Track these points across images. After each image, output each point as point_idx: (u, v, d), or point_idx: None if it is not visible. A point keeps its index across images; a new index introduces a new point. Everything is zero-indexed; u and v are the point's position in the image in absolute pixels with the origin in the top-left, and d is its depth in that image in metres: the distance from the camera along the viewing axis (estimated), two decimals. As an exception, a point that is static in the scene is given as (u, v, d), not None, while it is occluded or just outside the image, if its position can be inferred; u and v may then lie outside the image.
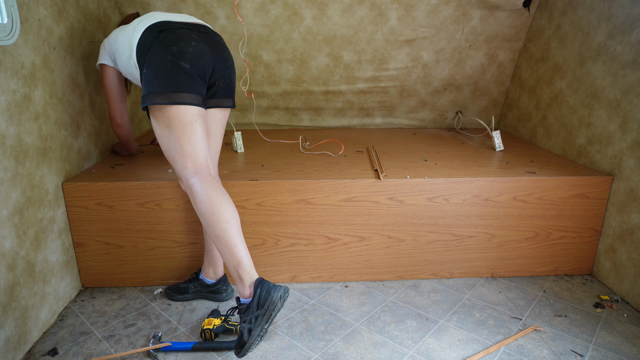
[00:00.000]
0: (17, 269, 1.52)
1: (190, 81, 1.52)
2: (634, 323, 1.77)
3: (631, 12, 1.91)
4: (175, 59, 1.51)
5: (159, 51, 1.52)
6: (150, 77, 1.51)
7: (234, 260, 1.41)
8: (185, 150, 1.52)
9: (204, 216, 1.46)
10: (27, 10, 1.61)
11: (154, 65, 1.51)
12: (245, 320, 1.35)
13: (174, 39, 1.53)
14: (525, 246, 2.06)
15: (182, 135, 1.51)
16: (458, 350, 1.60)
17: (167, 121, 1.51)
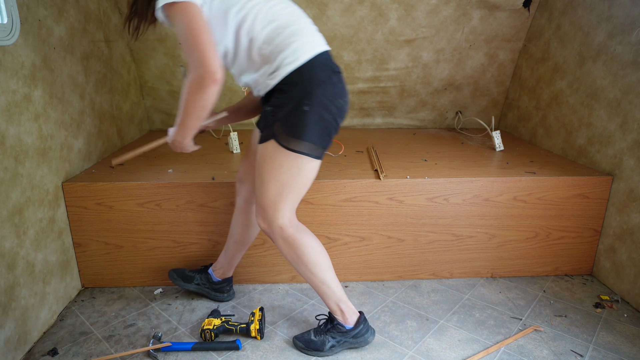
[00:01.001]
0: (17, 269, 1.52)
1: (331, 139, 1.39)
2: (634, 323, 1.77)
3: (631, 12, 1.91)
4: (337, 114, 1.35)
5: (329, 98, 1.31)
6: (311, 122, 1.29)
7: (336, 297, 1.52)
8: (292, 200, 1.40)
9: (305, 266, 1.46)
10: (27, 10, 1.61)
11: (317, 111, 1.29)
12: (334, 336, 1.54)
13: (342, 91, 1.36)
14: (525, 246, 2.06)
15: (299, 187, 1.39)
16: (458, 350, 1.60)
17: (295, 170, 1.34)
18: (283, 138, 1.31)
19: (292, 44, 1.28)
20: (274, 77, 1.30)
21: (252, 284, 2.01)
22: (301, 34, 1.30)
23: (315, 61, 1.30)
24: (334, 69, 1.34)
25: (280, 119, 1.30)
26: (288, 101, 1.29)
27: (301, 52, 1.28)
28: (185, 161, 2.18)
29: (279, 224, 1.41)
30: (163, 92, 2.80)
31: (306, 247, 1.45)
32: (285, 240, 1.44)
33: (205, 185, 1.85)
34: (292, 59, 1.28)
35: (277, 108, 1.31)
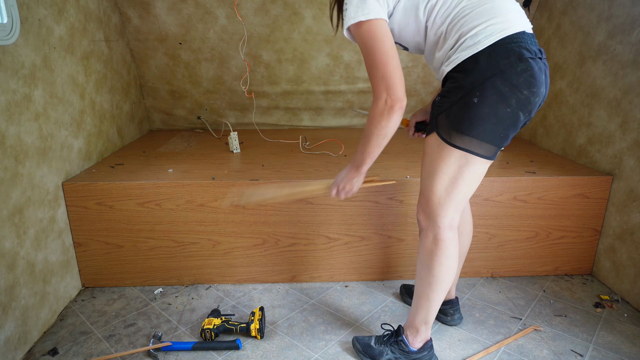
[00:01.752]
0: (17, 269, 1.52)
1: (510, 136, 1.22)
2: (634, 323, 1.77)
3: (631, 12, 1.91)
4: (519, 108, 1.16)
5: (507, 89, 1.14)
6: (481, 117, 1.16)
7: (426, 318, 1.43)
8: (456, 199, 1.29)
9: (430, 276, 1.36)
10: (27, 10, 1.61)
11: (490, 103, 1.15)
12: (394, 352, 1.48)
13: (530, 80, 1.15)
14: (525, 246, 2.06)
15: (466, 184, 1.27)
16: (458, 350, 1.60)
17: (463, 164, 1.23)
18: (444, 131, 1.21)
19: (476, 25, 1.14)
20: (448, 63, 1.20)
21: (252, 284, 2.02)
22: (490, 13, 1.15)
23: (498, 46, 1.13)
24: (522, 55, 1.13)
25: (446, 109, 1.20)
26: (457, 90, 1.18)
27: (483, 35, 1.13)
28: (185, 161, 2.18)
29: (440, 223, 1.32)
30: (163, 92, 2.80)
31: (447, 260, 1.35)
32: (435, 242, 1.34)
33: (205, 185, 1.85)
34: (471, 42, 1.14)
35: (444, 98, 1.21)
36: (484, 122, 1.17)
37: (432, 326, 1.72)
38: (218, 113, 2.91)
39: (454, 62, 1.18)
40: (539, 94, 1.18)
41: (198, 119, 2.92)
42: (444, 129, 1.22)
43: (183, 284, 2.00)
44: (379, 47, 1.16)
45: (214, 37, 2.59)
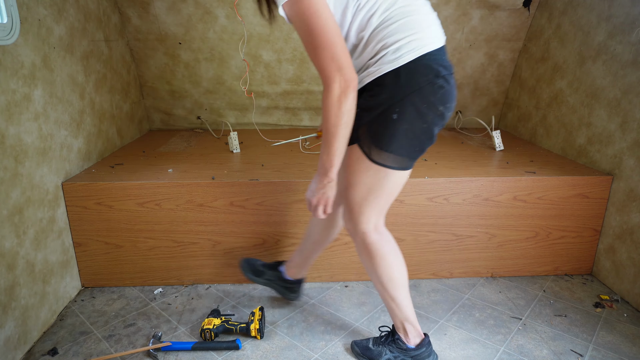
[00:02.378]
0: (17, 269, 1.52)
1: (424, 150, 1.26)
2: (634, 323, 1.77)
3: (631, 12, 1.91)
4: (434, 122, 1.20)
5: (425, 105, 1.16)
6: (400, 133, 1.18)
7: (402, 316, 1.46)
8: (378, 206, 1.32)
9: (377, 277, 1.40)
10: (27, 10, 1.61)
11: (409, 120, 1.17)
12: (393, 351, 1.49)
13: (445, 97, 1.18)
14: (525, 246, 2.06)
15: (387, 193, 1.30)
16: (458, 350, 1.60)
17: (382, 175, 1.25)
18: (366, 145, 1.22)
19: (399, 39, 1.13)
20: (368, 74, 1.18)
21: (252, 284, 2.01)
22: (413, 27, 1.14)
23: (419, 62, 1.13)
24: (439, 73, 1.15)
25: (366, 123, 1.21)
26: (376, 105, 1.18)
27: (406, 50, 1.13)
28: (185, 161, 2.18)
29: (363, 228, 1.35)
30: (163, 92, 2.80)
31: (384, 260, 1.37)
32: (365, 247, 1.37)
33: (205, 185, 1.85)
34: (392, 57, 1.13)
35: (365, 112, 1.20)
36: (401, 138, 1.18)
37: (433, 325, 1.72)
38: (218, 113, 2.91)
39: (374, 74, 1.16)
40: (452, 108, 1.23)
41: (198, 119, 2.92)
42: (366, 143, 1.23)
43: (183, 284, 2.00)
44: (322, 24, 1.05)
45: (214, 37, 2.59)
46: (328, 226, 1.61)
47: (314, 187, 1.29)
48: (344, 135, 1.14)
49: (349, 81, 1.07)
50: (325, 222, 1.60)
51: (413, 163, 1.28)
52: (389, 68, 1.14)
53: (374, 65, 1.16)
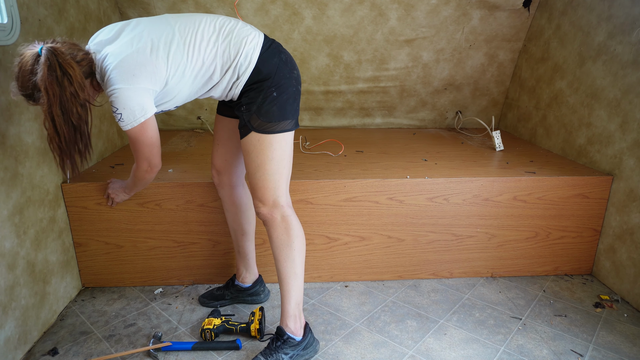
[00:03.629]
0: (17, 269, 1.52)
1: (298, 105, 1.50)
2: (634, 323, 1.77)
3: (631, 12, 1.91)
4: (297, 84, 1.46)
5: (287, 75, 1.42)
6: (283, 102, 1.41)
7: (299, 297, 1.52)
8: (285, 178, 1.47)
9: (292, 251, 1.48)
10: (27, 10, 1.61)
11: (284, 90, 1.41)
12: (287, 352, 1.49)
13: (291, 62, 1.47)
14: (525, 246, 2.06)
15: (288, 161, 1.46)
16: (458, 350, 1.60)
17: (285, 146, 1.44)
18: (263, 126, 1.39)
19: (239, 55, 1.38)
20: (237, 84, 1.41)
21: (252, 284, 2.02)
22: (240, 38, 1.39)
23: (264, 53, 1.40)
24: (279, 49, 1.45)
25: (255, 111, 1.39)
26: (257, 94, 1.40)
27: (250, 53, 1.38)
28: (185, 161, 2.18)
29: (281, 202, 1.46)
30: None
31: (298, 232, 1.49)
32: (283, 220, 1.46)
33: (204, 185, 1.85)
34: (246, 63, 1.38)
35: (249, 105, 1.41)
36: (286, 104, 1.41)
37: (433, 325, 1.72)
38: (218, 113, 2.91)
39: (242, 82, 1.40)
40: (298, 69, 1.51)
41: (198, 119, 2.92)
42: (262, 125, 1.40)
43: (183, 284, 2.00)
44: (147, 142, 1.41)
45: (214, 37, 2.59)
46: (242, 210, 1.73)
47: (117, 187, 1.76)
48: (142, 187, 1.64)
49: (153, 168, 1.49)
50: (238, 208, 1.73)
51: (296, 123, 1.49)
52: (250, 70, 1.39)
53: (241, 77, 1.40)
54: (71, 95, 1.26)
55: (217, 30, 1.39)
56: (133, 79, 1.29)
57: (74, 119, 1.29)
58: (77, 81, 1.26)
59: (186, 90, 1.42)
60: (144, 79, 1.31)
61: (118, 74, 1.29)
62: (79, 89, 1.27)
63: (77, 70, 1.26)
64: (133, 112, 1.32)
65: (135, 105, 1.32)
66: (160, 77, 1.34)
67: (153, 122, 1.39)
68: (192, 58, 1.37)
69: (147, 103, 1.34)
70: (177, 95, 1.42)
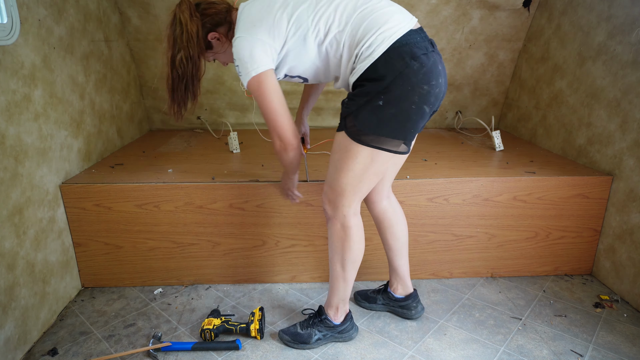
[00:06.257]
0: (17, 269, 1.52)
1: (419, 128, 1.33)
2: (634, 323, 1.77)
3: (631, 12, 1.91)
4: (421, 102, 1.26)
5: (408, 88, 1.23)
6: (388, 117, 1.26)
7: (343, 296, 1.57)
8: (361, 192, 1.41)
9: (344, 260, 1.49)
10: (27, 10, 1.61)
11: (395, 104, 1.24)
12: (321, 330, 1.58)
13: (427, 75, 1.24)
14: (525, 246, 2.06)
15: (370, 178, 1.38)
16: (458, 350, 1.60)
17: (368, 162, 1.33)
18: (354, 131, 1.30)
19: (367, 38, 1.24)
20: (353, 74, 1.30)
21: (252, 284, 2.02)
22: (376, 23, 1.24)
23: (391, 51, 1.23)
24: (414, 54, 1.23)
25: (353, 112, 1.29)
26: (363, 95, 1.27)
27: (376, 45, 1.23)
28: (185, 161, 2.18)
29: (344, 212, 1.43)
30: (163, 92, 2.80)
31: (356, 244, 1.48)
32: (343, 229, 1.45)
33: (203, 187, 1.85)
34: (367, 53, 1.25)
35: (351, 101, 1.30)
36: (390, 122, 1.27)
37: (433, 325, 1.72)
38: (218, 113, 2.91)
39: (356, 73, 1.28)
40: (439, 85, 1.28)
41: (198, 119, 2.92)
42: (353, 130, 1.30)
43: (183, 284, 2.00)
44: (268, 104, 1.34)
45: (214, 37, 2.59)
46: (379, 227, 1.68)
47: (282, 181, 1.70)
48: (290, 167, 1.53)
49: (286, 144, 1.39)
50: (377, 226, 1.68)
51: (410, 145, 1.36)
52: (367, 64, 1.25)
53: (357, 66, 1.29)
54: (182, 46, 1.34)
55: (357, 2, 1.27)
56: (252, 29, 1.28)
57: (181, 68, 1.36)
58: (190, 33, 1.33)
59: (307, 59, 1.33)
60: (262, 31, 1.27)
61: (241, 23, 1.30)
62: (188, 41, 1.33)
63: (193, 24, 1.33)
64: (246, 64, 1.29)
65: (248, 56, 1.28)
66: (280, 34, 1.28)
67: (271, 80, 1.31)
68: (318, 24, 1.27)
69: (261, 56, 1.28)
70: (298, 62, 1.35)
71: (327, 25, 1.27)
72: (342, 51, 1.30)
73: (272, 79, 1.32)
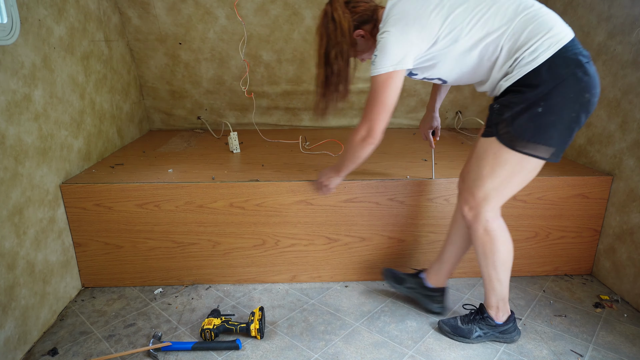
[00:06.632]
0: (17, 269, 1.52)
1: (573, 137, 1.31)
2: (634, 323, 1.77)
3: (631, 12, 1.91)
4: (581, 111, 1.24)
5: (571, 96, 1.22)
6: (546, 124, 1.24)
7: (502, 295, 1.56)
8: (504, 197, 1.42)
9: (493, 262, 1.48)
10: (27, 10, 1.61)
11: (556, 111, 1.23)
12: (482, 328, 1.60)
13: (589, 83, 1.23)
14: (525, 246, 2.06)
15: (516, 185, 1.38)
16: (458, 351, 1.60)
17: (518, 169, 1.33)
18: (508, 138, 1.28)
19: (532, 43, 1.22)
20: (507, 79, 1.28)
21: (252, 284, 2.02)
22: (542, 29, 1.22)
23: (557, 57, 1.21)
24: (579, 62, 1.21)
25: (507, 119, 1.28)
26: (519, 102, 1.25)
27: (542, 49, 1.21)
28: (185, 161, 2.18)
29: (487, 217, 1.43)
30: (163, 92, 2.80)
31: (503, 245, 1.47)
32: (486, 233, 1.45)
33: (204, 187, 1.85)
34: (530, 58, 1.22)
35: (505, 107, 1.28)
36: (549, 129, 1.25)
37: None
38: (218, 113, 2.91)
39: (514, 77, 1.26)
40: (597, 94, 1.27)
41: (198, 119, 2.92)
42: (507, 137, 1.29)
43: (183, 284, 2.00)
44: (384, 99, 1.36)
45: (214, 37, 2.59)
46: (454, 215, 1.67)
47: (325, 173, 1.71)
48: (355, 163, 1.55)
49: (372, 138, 1.43)
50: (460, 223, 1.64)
51: (561, 153, 1.32)
52: (529, 69, 1.23)
53: (514, 70, 1.26)
54: (336, 42, 1.39)
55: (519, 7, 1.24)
56: (404, 27, 1.29)
57: (336, 64, 1.42)
58: (343, 29, 1.38)
59: (454, 62, 1.33)
60: (413, 31, 1.28)
61: (393, 19, 1.31)
62: (342, 37, 1.38)
63: (344, 20, 1.38)
64: (387, 58, 1.31)
65: (393, 53, 1.30)
66: (430, 35, 1.29)
67: (399, 80, 1.34)
68: (474, 27, 1.26)
69: (406, 56, 1.30)
70: (441, 63, 1.34)
71: (484, 29, 1.26)
72: (499, 55, 1.28)
73: (401, 79, 1.35)
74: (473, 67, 1.34)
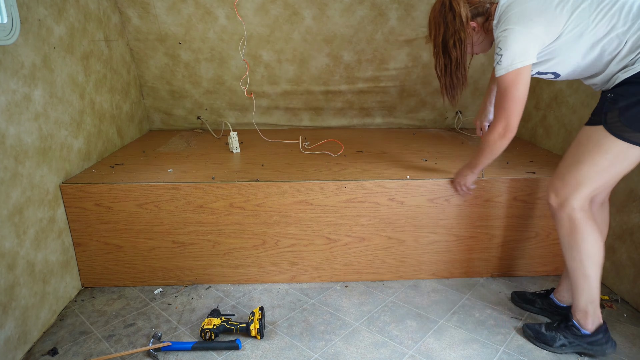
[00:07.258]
0: (17, 269, 1.52)
1: None
2: (634, 323, 1.77)
3: (631, 12, 1.91)
4: None
5: None
6: None
7: (591, 296, 1.49)
8: (595, 187, 1.39)
9: (578, 254, 1.44)
10: (27, 10, 1.61)
11: None
12: (567, 336, 1.53)
13: None
14: (525, 246, 2.06)
15: (612, 175, 1.38)
16: (458, 350, 1.60)
17: (620, 158, 1.33)
18: (617, 127, 1.29)
19: None
20: (626, 71, 1.30)
21: (252, 284, 2.02)
22: None
23: None
24: None
25: (620, 107, 1.29)
26: (636, 91, 1.27)
27: None
28: (185, 161, 2.18)
29: (573, 205, 1.41)
30: (163, 92, 2.80)
31: (588, 236, 1.42)
32: (571, 221, 1.42)
33: (204, 187, 1.85)
34: None
35: (620, 96, 1.30)
36: None
37: (433, 325, 1.72)
38: (218, 113, 2.91)
39: (634, 69, 1.29)
40: None
41: (198, 119, 2.92)
42: (616, 125, 1.30)
43: (183, 284, 2.00)
44: (516, 95, 1.40)
45: (214, 37, 2.59)
46: None
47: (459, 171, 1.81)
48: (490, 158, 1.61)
49: (509, 133, 1.48)
50: None
51: None
52: None
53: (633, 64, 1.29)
54: (454, 30, 1.43)
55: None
56: (529, 23, 1.32)
57: (454, 51, 1.46)
58: (461, 17, 1.41)
59: (574, 56, 1.35)
60: (539, 26, 1.32)
61: (515, 15, 1.33)
62: (461, 25, 1.43)
63: (462, 10, 1.42)
64: (514, 55, 1.35)
65: (519, 49, 1.34)
66: (556, 29, 1.32)
67: (528, 74, 1.38)
68: (600, 23, 1.29)
69: (531, 50, 1.34)
70: (560, 57, 1.37)
71: (609, 25, 1.29)
72: (622, 49, 1.30)
73: (529, 73, 1.38)
74: (592, 61, 1.36)
